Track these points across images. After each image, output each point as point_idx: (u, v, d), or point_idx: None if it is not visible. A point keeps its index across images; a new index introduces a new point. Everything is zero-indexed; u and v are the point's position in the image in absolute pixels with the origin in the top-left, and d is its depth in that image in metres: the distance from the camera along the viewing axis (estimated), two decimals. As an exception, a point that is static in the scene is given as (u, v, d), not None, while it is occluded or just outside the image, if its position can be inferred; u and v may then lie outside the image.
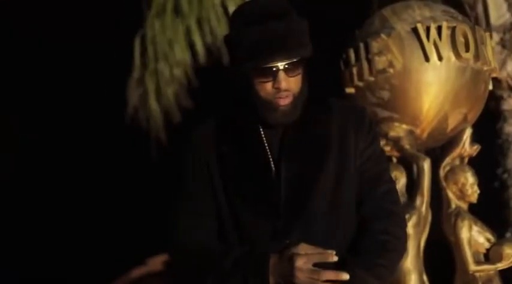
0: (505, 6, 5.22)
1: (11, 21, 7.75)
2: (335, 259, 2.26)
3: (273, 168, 2.43)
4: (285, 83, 2.37)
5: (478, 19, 5.15)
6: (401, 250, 2.43)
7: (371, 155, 2.46)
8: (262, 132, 2.46)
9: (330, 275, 2.25)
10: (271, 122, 2.42)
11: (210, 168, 2.48)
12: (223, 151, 2.48)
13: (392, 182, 2.51)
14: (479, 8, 5.31)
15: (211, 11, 6.55)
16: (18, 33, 7.90)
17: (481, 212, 3.86)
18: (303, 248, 2.27)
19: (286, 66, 2.37)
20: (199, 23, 6.57)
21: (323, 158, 2.43)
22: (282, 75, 2.37)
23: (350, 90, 3.77)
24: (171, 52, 6.69)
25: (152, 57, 6.72)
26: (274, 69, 2.37)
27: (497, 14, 5.24)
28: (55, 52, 7.90)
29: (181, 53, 6.65)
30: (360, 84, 3.73)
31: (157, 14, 6.65)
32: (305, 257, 2.26)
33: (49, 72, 8.10)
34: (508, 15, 5.21)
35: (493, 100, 4.98)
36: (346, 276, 2.23)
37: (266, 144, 2.46)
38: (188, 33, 6.61)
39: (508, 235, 4.96)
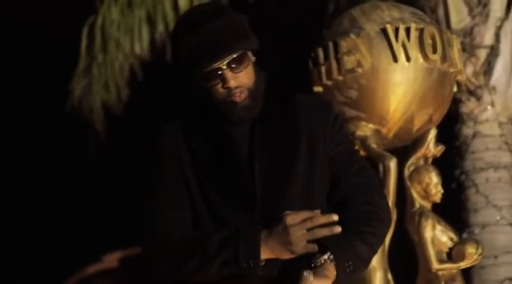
0: (465, 10, 5.30)
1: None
2: (324, 218, 2.28)
3: (246, 163, 2.45)
4: (234, 81, 2.40)
5: (438, 22, 5.22)
6: (386, 220, 2.45)
7: (339, 141, 2.52)
8: (230, 129, 2.47)
9: (322, 219, 2.26)
10: (234, 119, 2.44)
11: (182, 165, 2.50)
12: (195, 148, 2.49)
13: (364, 161, 2.57)
14: (440, 12, 5.39)
15: (161, 6, 6.49)
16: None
17: (438, 213, 3.91)
18: (292, 212, 2.30)
19: (232, 65, 2.39)
20: (149, 17, 6.51)
21: (294, 151, 2.48)
22: (227, 74, 2.39)
23: (318, 89, 3.79)
24: (119, 44, 6.60)
25: (100, 48, 6.62)
26: (218, 70, 2.39)
27: (457, 17, 5.32)
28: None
29: (129, 46, 6.57)
30: (328, 83, 3.75)
31: (108, 3, 6.55)
32: (294, 214, 2.29)
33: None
34: (468, 20, 5.29)
35: (452, 102, 5.05)
36: (335, 217, 2.26)
37: (236, 141, 2.47)
38: (138, 26, 6.54)
39: (464, 235, 5.04)
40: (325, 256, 2.25)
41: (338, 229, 2.25)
